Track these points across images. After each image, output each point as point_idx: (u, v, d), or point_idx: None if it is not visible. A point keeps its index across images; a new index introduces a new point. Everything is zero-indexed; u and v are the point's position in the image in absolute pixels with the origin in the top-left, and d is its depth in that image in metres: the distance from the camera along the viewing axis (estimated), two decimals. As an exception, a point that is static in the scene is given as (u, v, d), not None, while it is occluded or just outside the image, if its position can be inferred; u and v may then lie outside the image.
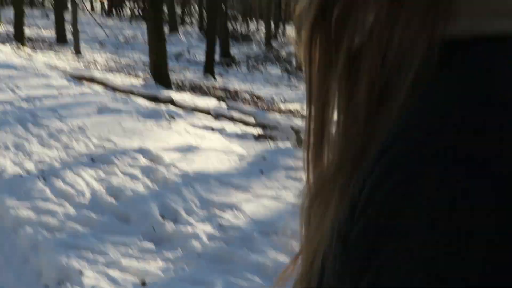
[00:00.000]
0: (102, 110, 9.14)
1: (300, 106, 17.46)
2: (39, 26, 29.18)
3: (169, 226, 5.04)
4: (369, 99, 0.74)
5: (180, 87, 17.10)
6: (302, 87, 23.24)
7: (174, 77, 17.86)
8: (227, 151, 7.57)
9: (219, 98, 15.79)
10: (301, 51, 0.88)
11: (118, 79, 15.17)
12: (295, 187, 6.03)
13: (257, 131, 10.62)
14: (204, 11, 34.80)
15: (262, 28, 39.20)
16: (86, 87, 11.93)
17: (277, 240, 4.82)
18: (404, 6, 0.85)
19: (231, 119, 11.71)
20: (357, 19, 0.81)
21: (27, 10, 29.77)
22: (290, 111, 16.03)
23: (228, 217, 5.24)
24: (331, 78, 0.83)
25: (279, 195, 5.83)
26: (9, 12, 27.46)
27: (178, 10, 38.19)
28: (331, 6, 0.86)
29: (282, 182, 6.17)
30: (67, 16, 25.06)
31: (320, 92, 0.85)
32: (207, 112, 11.86)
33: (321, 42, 0.83)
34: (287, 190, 5.98)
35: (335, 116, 0.86)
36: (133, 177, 6.01)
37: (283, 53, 28.80)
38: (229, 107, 12.77)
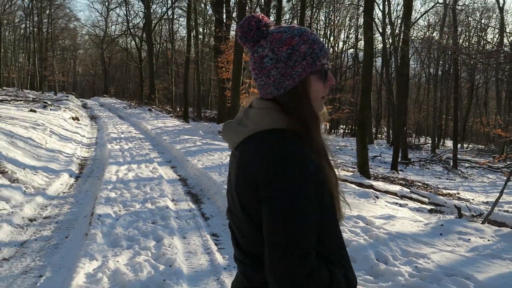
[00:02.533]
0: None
1: (455, 191, 16.69)
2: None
3: (382, 266, 4.89)
4: None
5: (376, 178, 16.82)
6: (457, 179, 22.25)
7: (371, 171, 17.64)
8: (414, 220, 7.28)
9: (401, 185, 15.45)
10: None
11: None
12: (465, 245, 5.67)
13: (430, 207, 10.19)
14: (390, 130, 34.39)
15: (428, 140, 38.09)
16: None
17: (456, 280, 4.53)
18: None
19: (411, 198, 11.35)
20: None
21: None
22: (450, 195, 15.41)
23: (422, 262, 4.98)
24: None
25: (454, 250, 5.49)
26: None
27: (373, 129, 37.97)
28: None
29: (455, 241, 5.81)
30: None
31: None
32: (395, 194, 11.56)
33: None
34: (459, 247, 5.63)
35: None
36: (356, 234, 5.91)
37: (444, 157, 27.66)
38: (411, 191, 12.37)
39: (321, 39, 1.54)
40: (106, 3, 54.41)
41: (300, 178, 1.33)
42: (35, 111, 19.98)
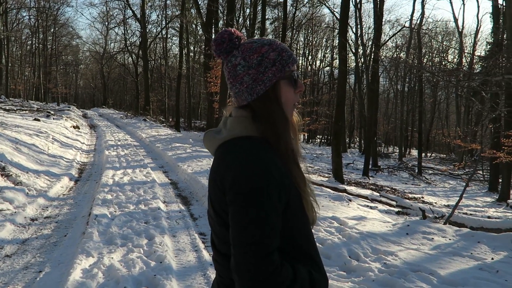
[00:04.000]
0: (309, 194, 9.14)
1: (420, 196, 16.79)
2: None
3: (354, 262, 4.85)
4: None
5: (349, 183, 16.86)
6: (421, 185, 22.41)
7: (345, 177, 17.67)
8: (383, 220, 7.28)
9: (372, 190, 15.49)
10: None
11: (314, 177, 15.20)
12: (429, 243, 5.67)
13: (398, 209, 10.21)
14: (362, 140, 34.58)
15: (396, 149, 38.35)
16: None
17: (421, 275, 4.51)
18: None
19: (380, 201, 11.38)
20: None
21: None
22: (415, 198, 15.50)
23: (390, 259, 4.96)
24: None
25: (419, 248, 5.47)
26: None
27: (347, 139, 38.10)
28: None
29: (420, 240, 5.80)
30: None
31: None
32: (366, 197, 11.58)
33: None
34: (424, 245, 5.62)
35: None
36: (331, 233, 5.88)
37: (410, 164, 27.88)
38: (381, 195, 12.40)
39: (290, 49, 1.51)
40: (106, 23, 54.10)
41: (262, 183, 1.29)
42: (39, 120, 19.70)
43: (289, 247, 1.38)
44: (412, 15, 28.83)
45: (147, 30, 41.60)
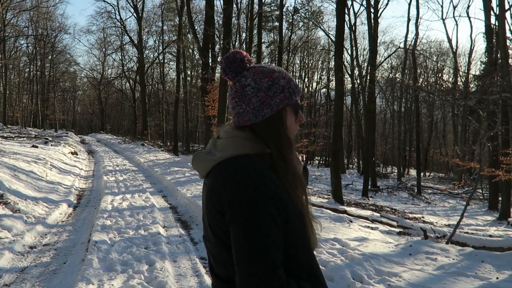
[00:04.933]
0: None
1: (420, 215, 16.73)
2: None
3: (358, 284, 4.79)
4: None
5: (349, 204, 16.79)
6: (421, 204, 22.34)
7: (344, 198, 17.61)
8: (385, 241, 7.22)
9: (372, 210, 15.44)
10: None
11: (314, 199, 15.14)
12: (433, 264, 5.61)
13: (399, 229, 10.15)
14: (360, 161, 34.60)
15: (395, 169, 38.34)
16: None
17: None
18: None
19: (381, 222, 11.31)
20: None
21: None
22: (415, 218, 15.45)
23: (394, 280, 4.90)
24: None
25: (423, 268, 5.41)
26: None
27: (345, 160, 38.07)
28: None
29: (423, 260, 5.74)
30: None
31: None
32: (366, 218, 11.52)
33: None
34: (427, 266, 5.56)
35: None
36: (333, 255, 5.82)
37: (409, 184, 27.84)
38: (381, 215, 12.34)
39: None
40: (103, 49, 54.50)
41: (261, 199, 1.30)
42: (37, 147, 19.67)
43: (292, 265, 1.38)
44: (406, 36, 29.08)
45: (144, 56, 41.94)
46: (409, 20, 28.80)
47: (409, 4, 29.59)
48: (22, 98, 53.63)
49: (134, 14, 39.29)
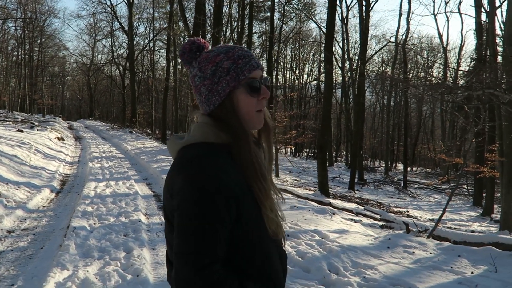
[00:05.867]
0: (293, 207, 9.09)
1: (405, 209, 16.84)
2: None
3: (334, 276, 4.80)
4: None
5: (334, 196, 16.85)
6: (407, 199, 22.48)
7: (331, 190, 17.67)
8: (365, 234, 7.26)
9: (357, 203, 15.51)
10: None
11: (300, 191, 15.18)
12: (410, 257, 5.64)
13: (382, 223, 10.20)
14: (349, 154, 34.74)
15: (382, 163, 38.54)
16: (283, 194, 11.94)
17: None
18: None
19: (365, 215, 11.36)
20: None
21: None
22: (400, 212, 15.55)
23: (370, 273, 4.91)
24: None
25: (400, 262, 5.45)
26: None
27: (334, 153, 38.18)
28: None
29: (400, 254, 5.78)
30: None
31: None
32: (350, 211, 11.56)
33: None
34: (404, 259, 5.59)
35: None
36: (311, 246, 5.84)
37: (395, 178, 28.01)
38: (365, 208, 12.40)
39: (252, 54, 1.45)
40: (93, 35, 53.91)
41: (209, 190, 1.24)
42: (22, 131, 19.49)
43: (242, 261, 1.33)
44: (397, 31, 29.28)
45: (135, 42, 41.54)
46: (400, 14, 28.82)
47: (401, -2, 29.53)
48: (10, 82, 53.05)
49: (125, 0, 38.87)
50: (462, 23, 57.33)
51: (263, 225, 1.37)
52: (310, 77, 47.60)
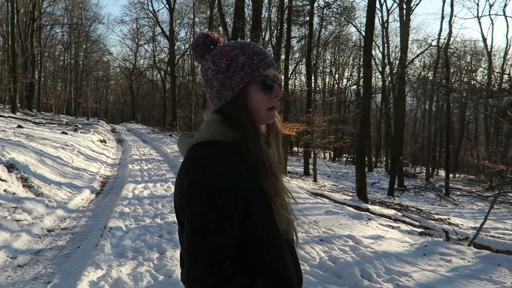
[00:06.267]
0: (328, 212, 8.99)
1: (446, 217, 16.38)
2: (294, 165, 29.89)
3: (366, 282, 4.70)
4: None
5: (373, 202, 16.58)
6: (448, 206, 21.89)
7: (369, 196, 17.41)
8: (402, 240, 7.08)
9: (396, 209, 15.21)
10: None
11: (337, 196, 15.02)
12: (446, 265, 5.47)
13: (420, 230, 9.96)
14: (389, 159, 34.16)
15: (423, 169, 37.69)
16: (319, 199, 11.86)
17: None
18: None
19: (404, 222, 11.12)
20: None
21: (289, 157, 31.13)
22: (441, 219, 15.15)
23: (403, 280, 4.78)
24: None
25: (436, 269, 5.28)
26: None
27: (373, 158, 37.63)
28: None
29: (437, 261, 5.60)
30: (310, 160, 25.45)
31: None
32: (388, 217, 11.34)
33: None
34: (441, 267, 5.42)
35: None
36: (344, 251, 5.75)
37: (437, 185, 27.35)
38: (403, 215, 12.14)
39: (267, 52, 1.43)
40: (136, 40, 55.10)
41: (217, 188, 1.24)
42: (66, 133, 20.08)
43: (252, 259, 1.32)
44: (439, 34, 28.45)
45: (175, 47, 42.23)
46: (442, 17, 28.09)
47: (443, 1, 28.82)
48: (57, 86, 54.87)
49: (166, 5, 39.53)
50: (508, 26, 55.64)
51: (273, 223, 1.35)
52: (350, 81, 47.19)
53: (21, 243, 6.06)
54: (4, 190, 8.20)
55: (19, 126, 17.83)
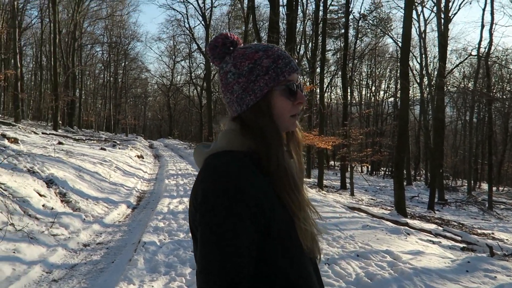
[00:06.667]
0: (365, 226, 8.76)
1: (490, 231, 15.78)
2: (331, 179, 29.56)
3: (404, 301, 4.52)
4: None
5: (412, 217, 16.15)
6: (492, 220, 21.09)
7: (409, 210, 16.97)
8: (443, 256, 6.80)
9: (437, 224, 14.75)
10: None
11: (375, 210, 14.69)
12: (491, 282, 5.19)
13: (463, 245, 9.57)
14: (428, 172, 33.35)
15: (464, 182, 36.61)
16: (356, 213, 11.61)
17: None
18: None
19: (445, 237, 10.73)
20: None
21: (326, 171, 30.77)
22: (484, 234, 14.58)
23: (443, 298, 4.59)
24: None
25: (479, 287, 5.02)
26: (315, 171, 28.24)
27: (412, 171, 36.81)
28: None
29: (481, 278, 5.33)
30: (347, 174, 25.07)
31: None
32: (428, 232, 10.97)
33: None
34: (485, 284, 5.15)
35: None
36: (382, 267, 5.54)
37: (479, 198, 26.46)
38: (444, 229, 11.74)
39: (290, 56, 1.34)
40: (173, 56, 56.10)
41: (234, 201, 1.11)
42: (104, 149, 20.46)
43: (273, 278, 1.19)
44: (479, 43, 27.66)
45: (211, 63, 42.62)
46: (482, 26, 27.35)
47: (483, 10, 28.18)
48: (97, 103, 56.30)
49: (202, 22, 40.07)
50: (553, 33, 53.69)
51: (296, 240, 1.23)
52: (387, 94, 46.53)
53: (57, 257, 6.11)
54: (43, 205, 8.33)
55: (60, 143, 18.26)
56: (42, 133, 22.07)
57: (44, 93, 38.31)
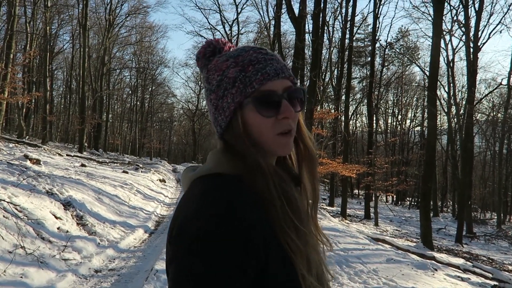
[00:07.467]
0: (389, 260, 8.33)
1: (522, 268, 15.02)
2: (355, 208, 28.94)
3: None
4: None
5: (439, 250, 15.54)
6: (524, 256, 20.19)
7: (435, 243, 16.35)
8: (473, 295, 6.35)
9: (465, 258, 14.12)
10: None
11: (400, 242, 14.17)
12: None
13: (494, 283, 9.04)
14: (456, 204, 32.42)
15: (494, 215, 35.46)
16: (380, 245, 11.15)
17: None
18: None
19: (474, 273, 10.18)
20: None
21: (350, 200, 30.22)
22: (516, 272, 13.89)
23: None
24: None
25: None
26: (339, 199, 27.71)
27: (439, 202, 35.86)
28: None
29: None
30: (372, 203, 24.50)
31: None
32: (457, 267, 10.44)
33: None
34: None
35: None
36: (407, 307, 5.15)
37: (510, 232, 25.52)
38: (474, 265, 11.17)
39: (273, 58, 1.06)
40: (199, 82, 56.62)
41: (218, 236, 0.85)
42: (127, 172, 20.40)
43: None
44: (510, 73, 27.09)
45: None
46: (513, 55, 26.86)
47: (514, 39, 27.61)
48: (123, 127, 57.00)
49: (229, 49, 40.46)
50: None
51: (295, 280, 0.94)
52: (414, 122, 45.86)
53: (65, 283, 5.88)
54: (58, 228, 8.16)
55: (82, 165, 18.29)
56: (67, 155, 22.21)
57: (72, 116, 38.91)
